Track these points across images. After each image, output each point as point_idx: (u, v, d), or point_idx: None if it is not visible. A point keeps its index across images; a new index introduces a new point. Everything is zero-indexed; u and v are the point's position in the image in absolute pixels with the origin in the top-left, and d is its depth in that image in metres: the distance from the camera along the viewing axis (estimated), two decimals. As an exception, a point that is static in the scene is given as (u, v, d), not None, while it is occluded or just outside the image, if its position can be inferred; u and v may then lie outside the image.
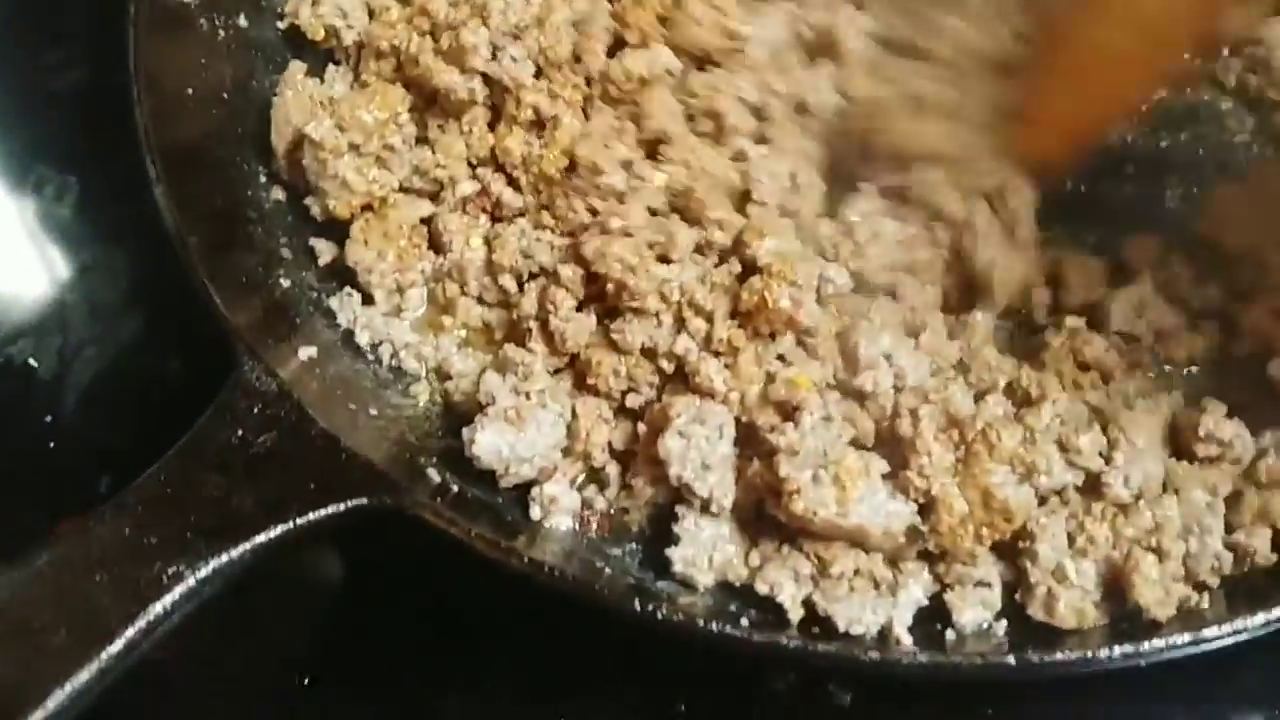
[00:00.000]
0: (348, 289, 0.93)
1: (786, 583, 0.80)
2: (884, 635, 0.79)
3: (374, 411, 0.87)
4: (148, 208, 0.89)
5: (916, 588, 0.81)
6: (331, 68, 0.99)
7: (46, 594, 0.71)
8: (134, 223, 0.97)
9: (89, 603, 0.71)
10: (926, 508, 0.80)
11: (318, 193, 0.92)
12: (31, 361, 0.97)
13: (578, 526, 0.86)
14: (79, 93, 1.08)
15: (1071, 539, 0.80)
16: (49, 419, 0.95)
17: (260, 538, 0.74)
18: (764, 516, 0.81)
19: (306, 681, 0.87)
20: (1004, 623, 0.80)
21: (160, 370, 0.97)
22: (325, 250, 0.94)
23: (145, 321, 0.98)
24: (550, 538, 0.84)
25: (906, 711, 0.84)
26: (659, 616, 0.74)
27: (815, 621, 0.79)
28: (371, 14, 0.98)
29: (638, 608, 0.75)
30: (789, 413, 0.81)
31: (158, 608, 0.71)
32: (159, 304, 0.99)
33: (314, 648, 0.89)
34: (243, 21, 0.99)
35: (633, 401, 0.86)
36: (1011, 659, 0.73)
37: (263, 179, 0.96)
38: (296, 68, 0.97)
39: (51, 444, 0.94)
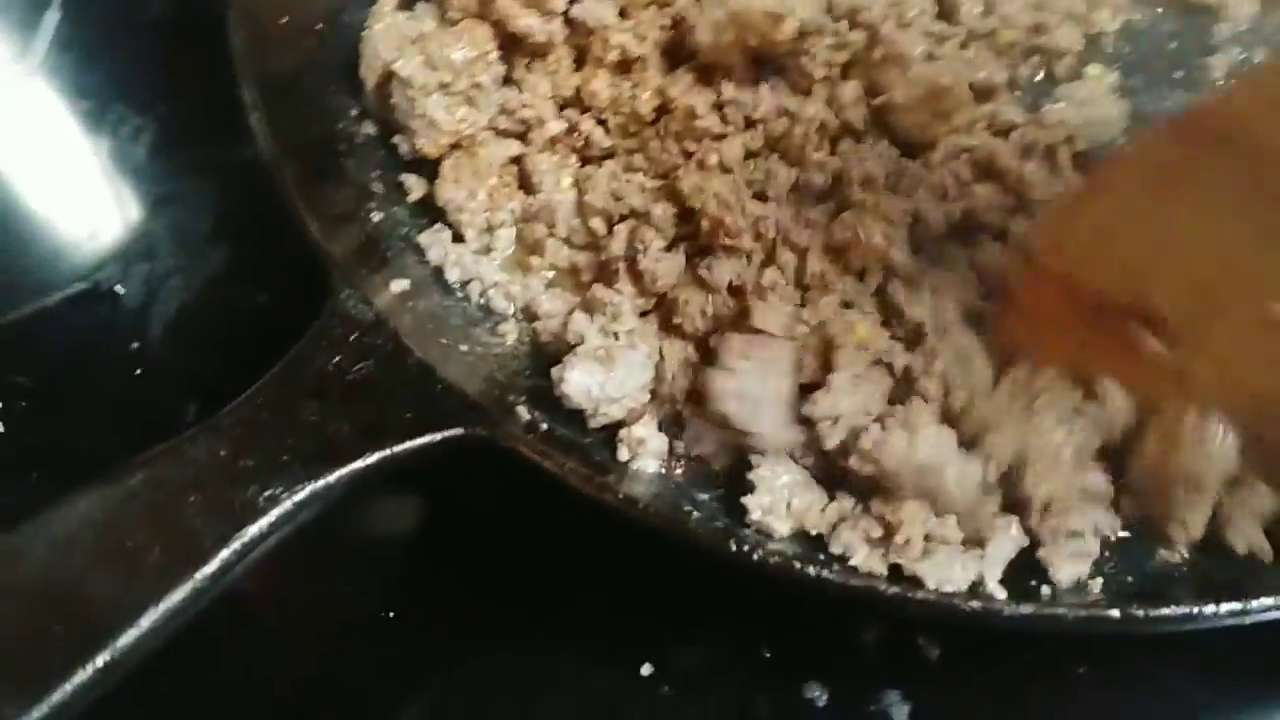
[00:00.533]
0: (438, 225, 0.92)
1: (859, 545, 0.78)
2: (975, 590, 0.77)
3: (464, 348, 0.87)
4: (236, 142, 0.88)
5: (1007, 542, 0.79)
6: (421, 3, 0.98)
7: (141, 513, 0.70)
8: (220, 156, 0.97)
9: (183, 523, 0.70)
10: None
11: (406, 131, 0.92)
12: (119, 289, 0.96)
13: (664, 470, 0.84)
14: (166, 23, 1.07)
15: None
16: (135, 345, 0.94)
17: (357, 464, 0.73)
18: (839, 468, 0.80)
19: (391, 615, 0.85)
20: (1100, 580, 0.78)
21: (246, 300, 0.97)
22: (416, 186, 0.93)
23: (231, 252, 0.98)
24: (637, 479, 0.83)
25: (997, 666, 0.82)
26: (754, 558, 0.73)
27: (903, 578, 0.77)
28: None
29: (733, 548, 0.73)
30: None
31: (253, 530, 0.70)
32: (245, 235, 0.99)
33: (397, 581, 0.88)
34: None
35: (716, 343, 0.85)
36: (1115, 612, 0.71)
37: (354, 113, 0.96)
38: (386, 1, 0.95)
39: (138, 370, 0.93)
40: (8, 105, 1.02)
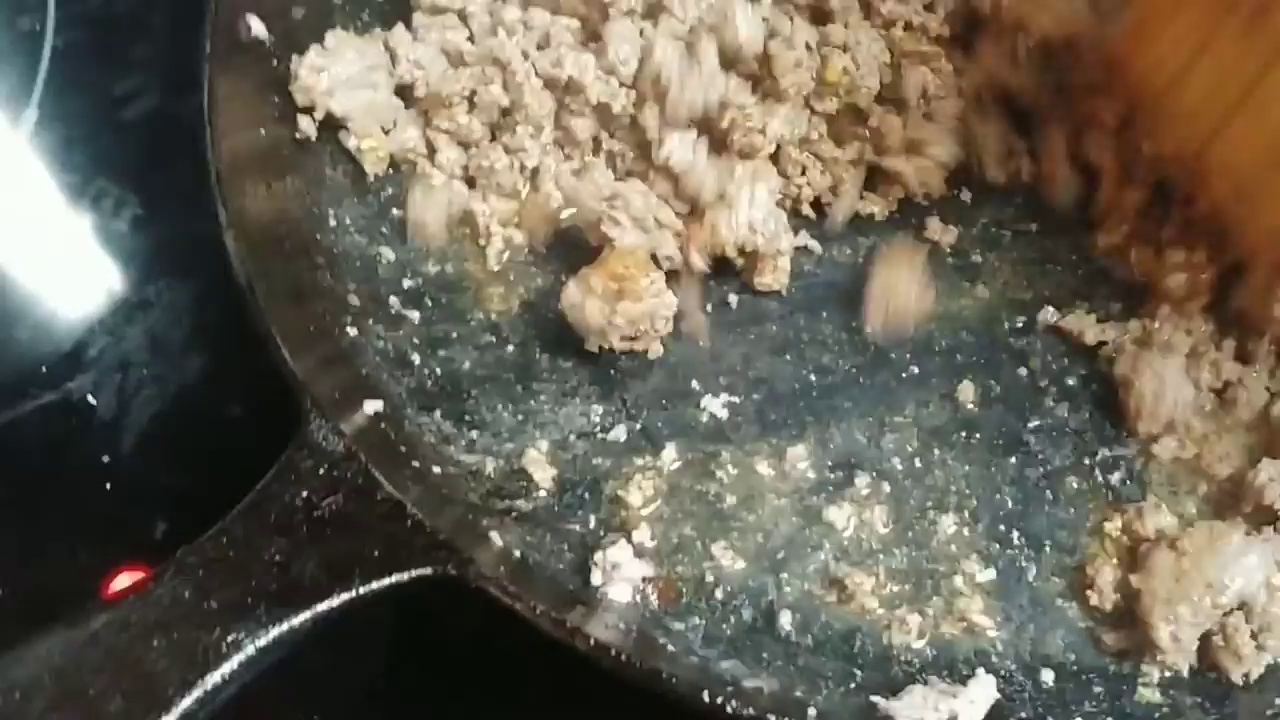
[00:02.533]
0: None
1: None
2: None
3: (436, 469, 0.86)
4: (212, 244, 0.87)
5: (989, 684, 0.78)
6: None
7: (103, 657, 0.69)
8: (196, 256, 0.96)
9: (146, 668, 0.69)
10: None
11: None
12: (90, 399, 0.95)
13: (638, 599, 0.83)
14: (143, 120, 1.06)
15: None
16: (106, 459, 0.93)
17: (323, 605, 0.72)
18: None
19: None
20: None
21: (220, 414, 0.96)
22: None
23: (205, 362, 0.97)
24: (610, 608, 0.83)
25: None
26: (729, 710, 0.71)
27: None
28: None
29: (707, 699, 0.72)
30: None
31: (216, 676, 0.69)
32: (220, 344, 0.98)
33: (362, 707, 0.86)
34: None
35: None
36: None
37: (332, 223, 0.94)
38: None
39: (108, 485, 0.92)
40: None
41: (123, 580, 0.87)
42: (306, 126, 0.94)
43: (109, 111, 1.06)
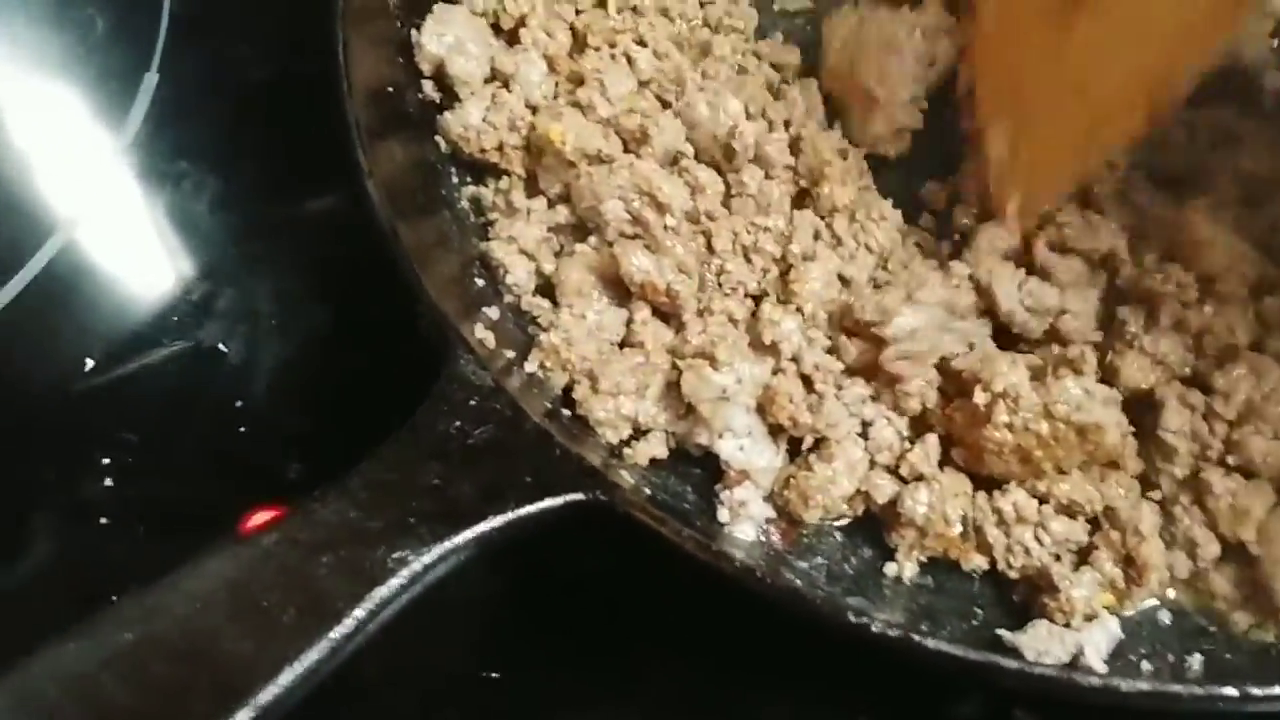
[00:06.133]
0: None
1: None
2: (1075, 664, 0.79)
3: (566, 411, 0.88)
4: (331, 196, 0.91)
5: (1111, 622, 0.81)
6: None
7: (275, 573, 0.71)
8: (321, 212, 0.99)
9: (316, 583, 0.71)
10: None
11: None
12: (221, 347, 0.97)
13: (762, 538, 0.86)
14: (262, 85, 1.09)
15: None
16: (239, 404, 0.95)
17: (481, 526, 0.75)
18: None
19: (494, 675, 0.86)
20: (1198, 657, 0.80)
21: (346, 361, 0.98)
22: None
23: (332, 313, 1.00)
24: (734, 544, 0.85)
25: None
26: (873, 630, 0.74)
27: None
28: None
29: (851, 619, 0.74)
30: None
31: (383, 590, 0.71)
32: (346, 296, 1.00)
33: (499, 641, 0.90)
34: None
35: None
36: (1233, 690, 0.72)
37: (454, 180, 0.97)
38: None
39: (242, 428, 0.94)
40: (104, 170, 1.03)
41: (259, 518, 0.89)
42: (430, 90, 0.97)
43: (229, 74, 1.09)
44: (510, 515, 0.75)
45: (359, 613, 0.70)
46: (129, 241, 1.03)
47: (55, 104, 1.09)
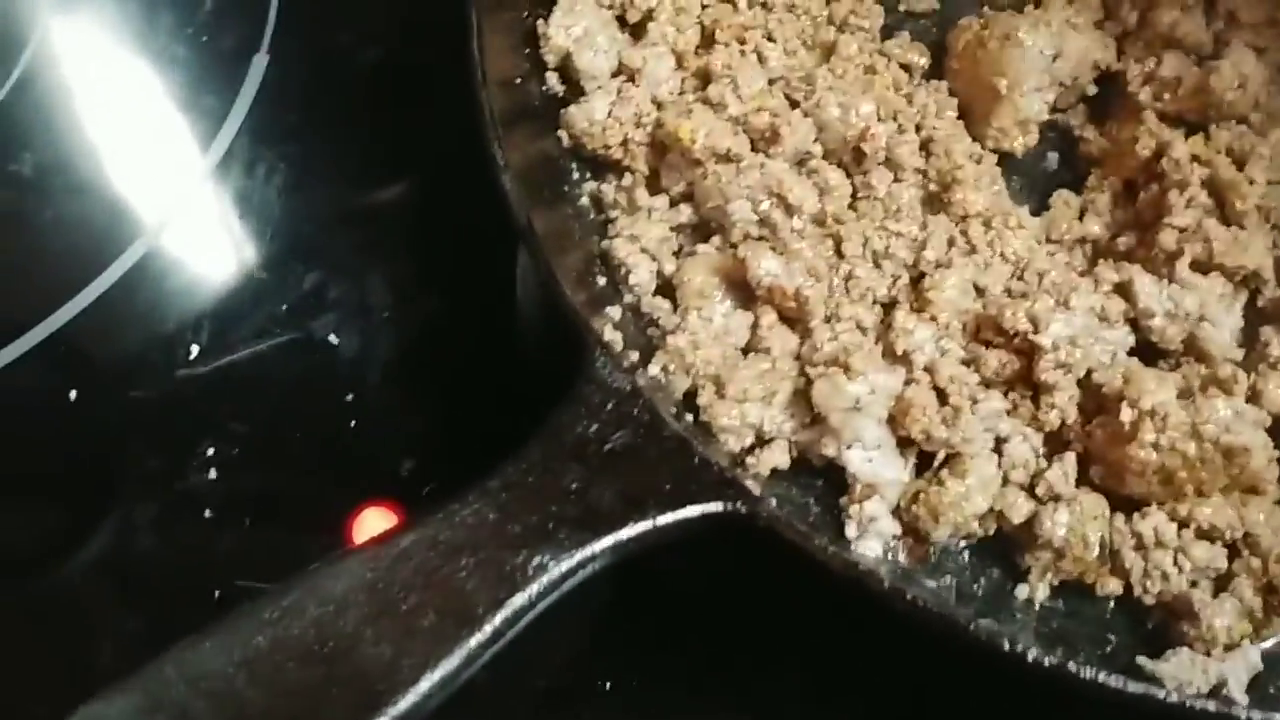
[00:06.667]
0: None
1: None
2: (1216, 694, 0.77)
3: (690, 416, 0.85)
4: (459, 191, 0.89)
5: (1253, 651, 0.78)
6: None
7: (413, 574, 0.70)
8: (439, 205, 0.98)
9: (456, 586, 0.69)
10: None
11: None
12: (333, 339, 0.95)
13: (889, 555, 0.83)
14: (380, 68, 1.08)
15: None
16: (350, 398, 0.93)
17: (621, 533, 0.73)
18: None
19: (607, 685, 0.84)
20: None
21: (459, 357, 0.96)
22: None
23: (446, 307, 0.97)
24: (862, 561, 0.82)
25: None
26: (1029, 659, 0.71)
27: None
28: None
29: (1006, 647, 0.72)
30: None
31: (523, 597, 0.70)
32: (459, 290, 0.98)
33: (611, 652, 0.88)
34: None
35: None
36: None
37: (575, 175, 0.95)
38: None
39: (353, 423, 0.92)
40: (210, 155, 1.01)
41: (370, 517, 0.87)
42: (554, 82, 0.95)
43: (341, 57, 1.07)
44: (650, 523, 0.73)
45: (498, 619, 0.69)
46: (234, 228, 1.01)
47: (161, 86, 1.06)
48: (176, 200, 1.01)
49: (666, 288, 0.91)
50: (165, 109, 1.06)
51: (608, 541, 0.72)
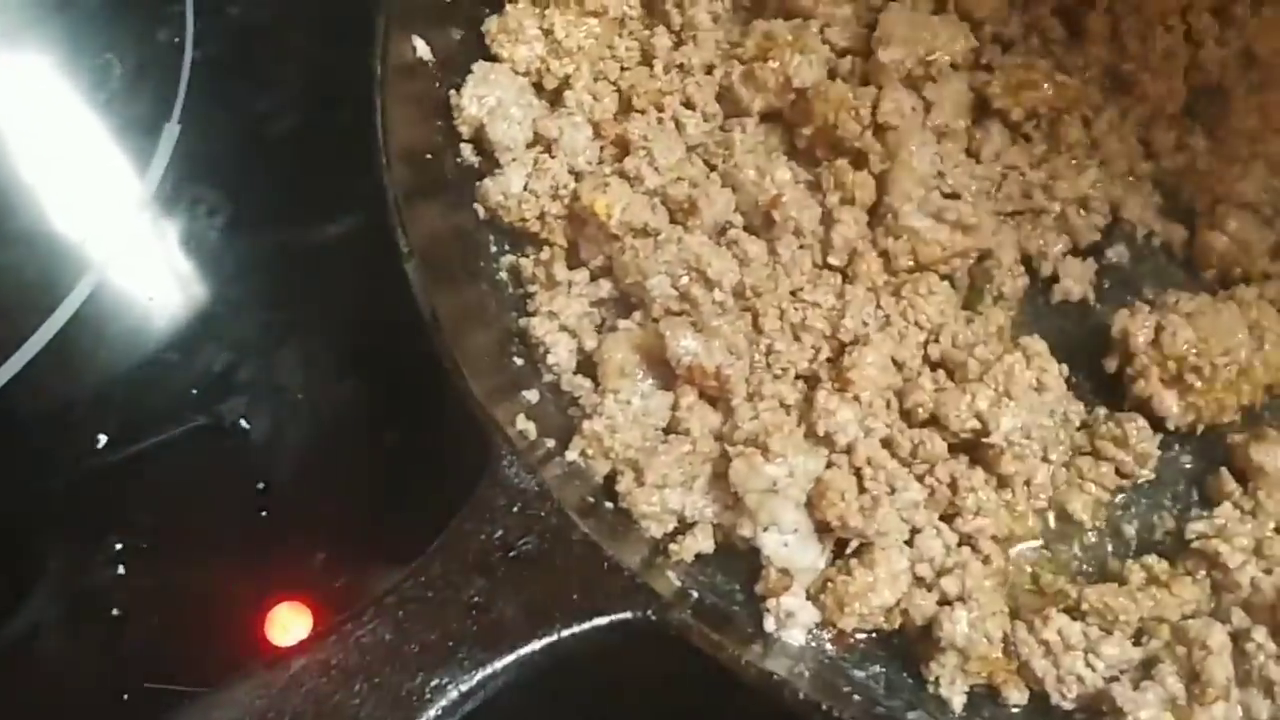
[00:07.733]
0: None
1: None
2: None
3: (608, 504, 0.83)
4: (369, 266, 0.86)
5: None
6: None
7: (303, 701, 0.68)
8: (353, 280, 0.94)
9: (349, 714, 0.67)
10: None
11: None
12: (243, 423, 0.93)
13: (813, 643, 0.81)
14: (291, 136, 1.05)
15: None
16: (261, 485, 0.90)
17: (526, 649, 0.71)
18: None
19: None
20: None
21: (377, 441, 0.93)
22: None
23: (362, 388, 0.94)
24: (785, 652, 0.80)
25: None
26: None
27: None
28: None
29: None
30: None
31: (420, 722, 0.67)
32: (377, 370, 0.95)
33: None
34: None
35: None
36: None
37: (493, 248, 0.92)
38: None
39: (264, 513, 0.89)
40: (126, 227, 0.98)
41: (282, 613, 0.85)
42: (469, 154, 0.92)
43: (251, 127, 1.03)
44: (556, 636, 0.71)
45: (393, 749, 0.66)
46: (141, 310, 0.98)
47: (74, 154, 1.03)
48: (82, 273, 0.97)
49: (587, 364, 0.88)
50: (74, 181, 1.02)
51: (509, 659, 0.70)
